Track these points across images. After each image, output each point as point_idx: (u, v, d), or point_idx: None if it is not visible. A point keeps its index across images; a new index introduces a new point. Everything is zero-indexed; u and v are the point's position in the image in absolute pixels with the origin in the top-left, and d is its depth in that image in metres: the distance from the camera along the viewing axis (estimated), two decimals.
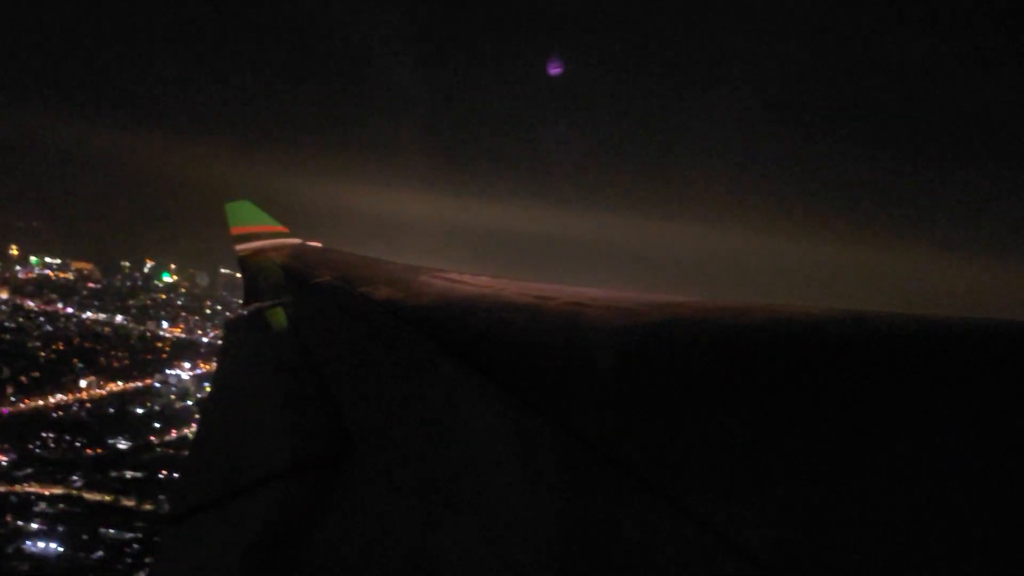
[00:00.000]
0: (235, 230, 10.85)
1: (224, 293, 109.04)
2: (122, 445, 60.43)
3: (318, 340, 4.24)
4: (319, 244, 10.40)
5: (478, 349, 2.56)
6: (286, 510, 2.04)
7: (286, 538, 1.85)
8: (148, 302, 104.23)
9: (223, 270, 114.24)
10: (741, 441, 1.36)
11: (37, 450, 57.22)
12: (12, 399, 66.44)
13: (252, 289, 7.63)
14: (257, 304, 6.22)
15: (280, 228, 10.91)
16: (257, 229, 10.77)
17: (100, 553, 43.11)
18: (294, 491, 2.15)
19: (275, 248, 9.93)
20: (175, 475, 54.49)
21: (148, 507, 49.69)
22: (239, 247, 10.45)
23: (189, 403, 71.97)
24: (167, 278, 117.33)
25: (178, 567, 2.14)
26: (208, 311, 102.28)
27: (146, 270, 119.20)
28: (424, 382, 2.58)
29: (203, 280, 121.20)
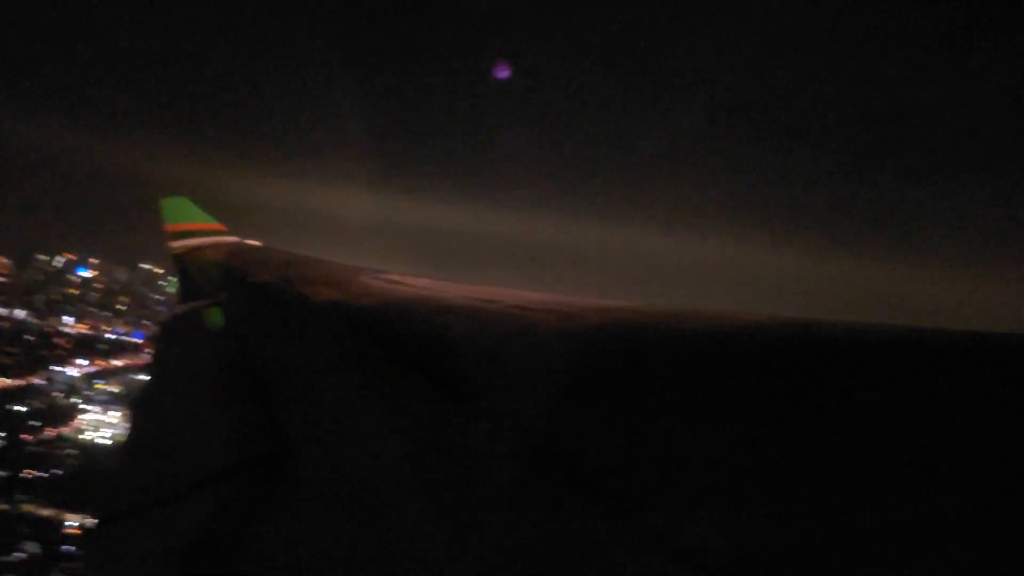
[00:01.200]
0: (170, 227, 10.46)
1: (142, 289, 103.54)
2: None
3: (256, 340, 4.16)
4: (258, 243, 10.16)
5: (419, 352, 2.58)
6: (223, 510, 2.02)
7: (223, 538, 1.83)
8: (59, 297, 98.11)
9: (144, 265, 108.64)
10: (684, 446, 1.39)
11: None
12: None
13: (188, 288, 7.39)
14: (193, 303, 6.07)
15: (218, 226, 10.57)
16: (193, 227, 10.43)
17: None
18: (231, 492, 2.13)
19: (212, 246, 9.62)
20: (43, 475, 51.04)
21: (4, 507, 47.25)
22: (174, 245, 10.06)
23: (75, 400, 68.57)
24: (84, 272, 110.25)
25: (111, 568, 2.10)
26: (121, 307, 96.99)
27: (59, 264, 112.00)
28: (364, 384, 2.59)
29: (122, 275, 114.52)
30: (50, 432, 61.60)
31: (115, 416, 63.91)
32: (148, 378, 4.45)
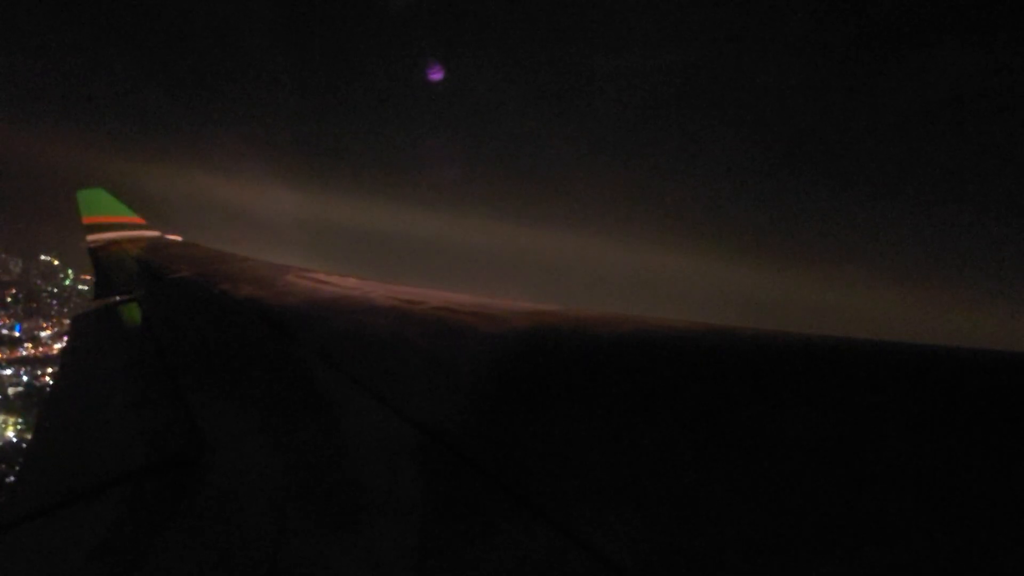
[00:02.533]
0: (87, 219, 10.15)
1: (38, 282, 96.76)
2: None
3: (172, 338, 4.05)
4: (179, 238, 9.89)
5: (342, 352, 2.56)
6: (130, 514, 1.94)
7: (129, 543, 1.77)
8: None
9: (43, 257, 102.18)
10: (610, 450, 1.40)
11: None
12: None
13: (104, 283, 7.14)
14: (108, 299, 5.84)
15: (137, 219, 10.32)
16: (111, 219, 10.13)
17: None
18: (139, 495, 2.05)
19: (131, 240, 9.34)
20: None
21: None
22: (91, 237, 9.75)
23: None
24: None
25: None
26: (9, 299, 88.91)
27: None
28: (283, 384, 2.55)
29: (16, 266, 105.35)
30: None
31: None
32: (57, 375, 4.28)
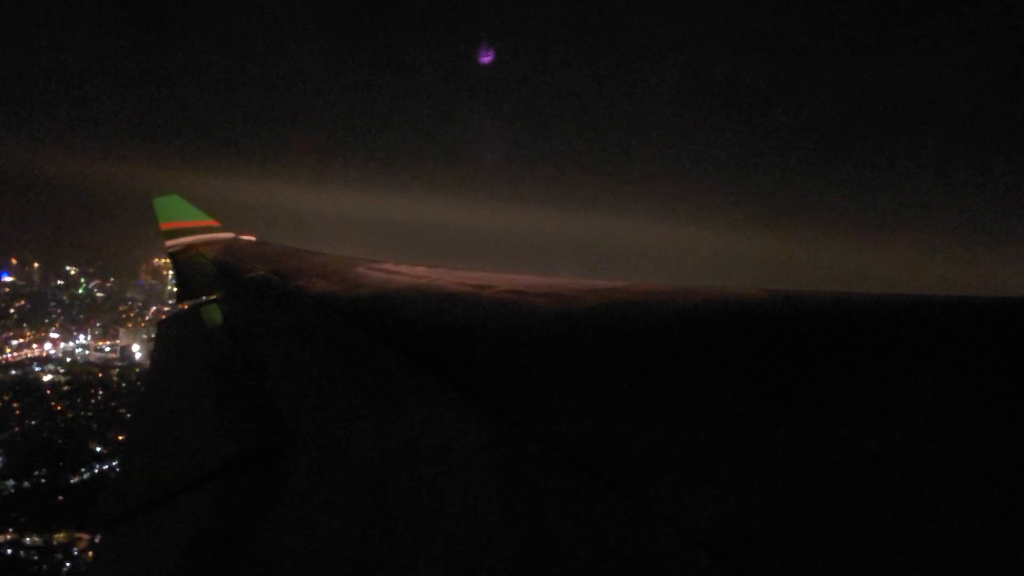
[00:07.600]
0: (164, 225, 10.59)
1: (56, 291, 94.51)
2: None
3: (253, 336, 4.17)
4: (252, 238, 10.20)
5: (415, 341, 2.57)
6: (222, 509, 2.00)
7: (224, 537, 1.81)
8: None
9: (68, 268, 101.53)
10: (688, 426, 1.37)
11: None
12: None
13: (184, 286, 7.46)
14: (190, 301, 6.07)
15: (211, 222, 10.69)
16: (187, 224, 10.53)
17: None
18: (230, 490, 2.11)
19: (207, 243, 9.68)
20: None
21: None
22: (169, 243, 10.19)
23: None
24: (6, 278, 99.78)
25: (115, 573, 2.06)
26: (12, 312, 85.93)
27: None
28: (360, 375, 2.58)
29: (36, 276, 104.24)
30: None
31: None
32: (146, 378, 4.49)
